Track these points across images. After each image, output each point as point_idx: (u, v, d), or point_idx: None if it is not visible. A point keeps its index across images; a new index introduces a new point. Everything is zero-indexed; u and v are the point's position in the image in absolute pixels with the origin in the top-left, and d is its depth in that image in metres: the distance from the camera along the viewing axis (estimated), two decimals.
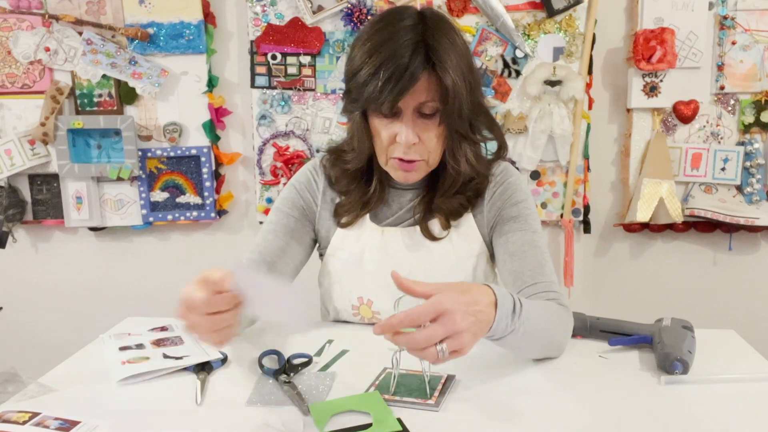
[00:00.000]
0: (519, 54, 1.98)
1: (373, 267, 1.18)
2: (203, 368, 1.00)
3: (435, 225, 1.17)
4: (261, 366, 0.99)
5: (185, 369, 1.01)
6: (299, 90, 2.04)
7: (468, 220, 1.18)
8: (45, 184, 2.14)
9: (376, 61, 1.00)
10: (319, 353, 1.08)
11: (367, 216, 1.20)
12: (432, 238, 1.16)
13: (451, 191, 1.15)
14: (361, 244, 1.19)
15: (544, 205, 2.06)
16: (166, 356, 1.04)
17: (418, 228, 1.17)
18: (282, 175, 2.08)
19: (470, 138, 1.11)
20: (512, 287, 1.12)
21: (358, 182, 1.19)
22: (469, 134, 1.11)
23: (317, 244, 1.27)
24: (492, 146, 1.21)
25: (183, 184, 2.12)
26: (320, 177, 1.24)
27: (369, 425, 0.83)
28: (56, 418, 0.85)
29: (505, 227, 1.15)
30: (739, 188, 2.02)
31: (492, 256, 1.20)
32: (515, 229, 1.14)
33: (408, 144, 1.06)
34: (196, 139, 2.10)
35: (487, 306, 0.85)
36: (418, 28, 1.02)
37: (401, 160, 1.09)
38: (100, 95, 2.08)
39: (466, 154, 1.11)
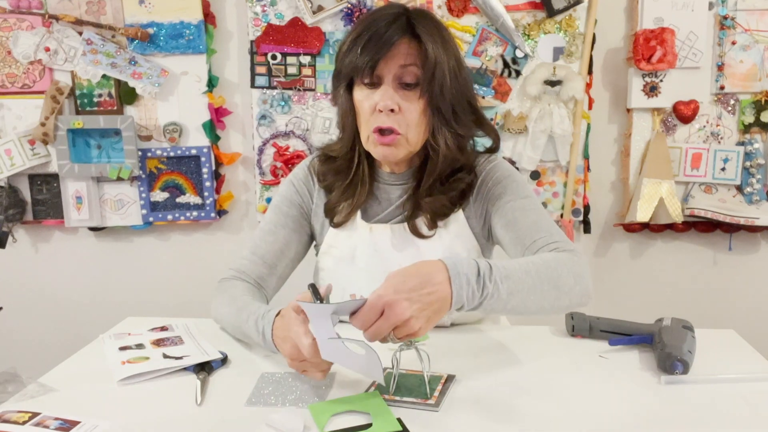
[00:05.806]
0: (519, 54, 1.98)
1: (364, 264, 1.18)
2: (203, 368, 1.00)
3: (423, 223, 1.17)
4: None
5: (185, 369, 1.01)
6: (299, 90, 2.04)
7: (458, 216, 1.18)
8: (45, 184, 2.14)
9: (357, 31, 1.07)
10: None
11: (358, 213, 1.20)
12: (420, 235, 1.16)
13: (432, 178, 1.14)
14: (353, 241, 1.20)
15: (544, 205, 2.06)
16: (166, 356, 1.04)
17: (406, 225, 1.17)
18: (282, 175, 2.08)
19: (452, 125, 1.11)
20: (517, 256, 1.11)
21: (344, 177, 1.20)
22: (452, 121, 1.10)
23: (314, 240, 1.28)
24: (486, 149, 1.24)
25: (183, 184, 2.12)
26: (315, 174, 1.26)
27: (369, 425, 0.83)
28: (56, 418, 0.85)
29: (495, 206, 1.15)
30: (739, 188, 2.01)
31: (484, 252, 1.21)
32: (504, 203, 1.14)
33: (386, 108, 1.06)
34: (196, 139, 2.10)
35: (440, 284, 0.85)
36: (402, 9, 1.10)
37: (381, 132, 1.09)
38: (100, 95, 2.08)
39: (446, 137, 1.11)
